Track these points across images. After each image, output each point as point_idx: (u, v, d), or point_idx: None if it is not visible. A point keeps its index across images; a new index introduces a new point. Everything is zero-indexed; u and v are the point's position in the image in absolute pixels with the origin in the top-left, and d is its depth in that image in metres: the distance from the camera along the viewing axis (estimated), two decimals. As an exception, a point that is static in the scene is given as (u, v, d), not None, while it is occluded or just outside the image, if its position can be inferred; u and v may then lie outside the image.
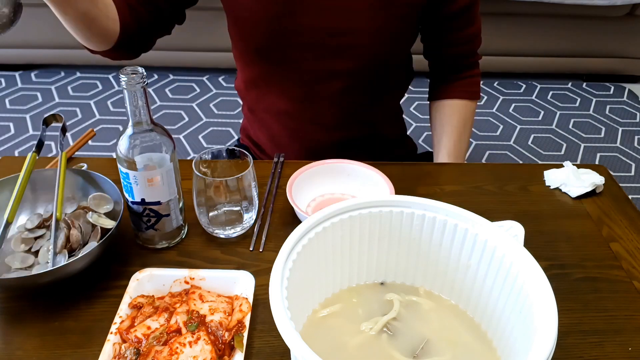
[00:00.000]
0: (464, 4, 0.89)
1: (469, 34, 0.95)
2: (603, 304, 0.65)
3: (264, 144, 1.03)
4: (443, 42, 0.96)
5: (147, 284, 0.62)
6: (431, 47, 0.98)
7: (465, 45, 0.97)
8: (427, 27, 0.94)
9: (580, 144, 2.19)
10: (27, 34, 2.35)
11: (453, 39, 0.95)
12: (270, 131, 1.01)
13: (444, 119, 1.00)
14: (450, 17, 0.91)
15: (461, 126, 0.99)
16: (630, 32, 2.44)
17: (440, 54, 0.98)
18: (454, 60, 0.99)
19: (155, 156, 0.64)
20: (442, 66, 1.01)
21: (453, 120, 0.99)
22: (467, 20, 0.93)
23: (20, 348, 0.57)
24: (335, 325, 0.54)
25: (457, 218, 0.52)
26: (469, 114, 1.01)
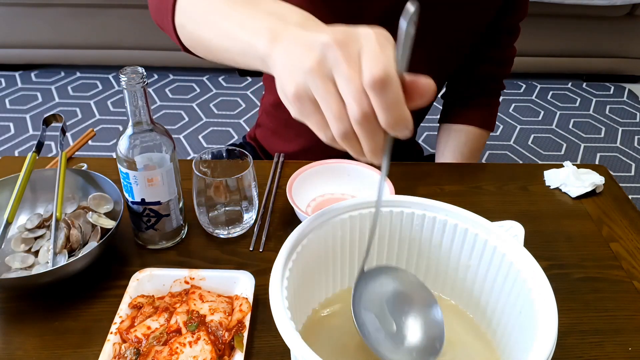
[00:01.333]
0: (517, 21, 0.89)
1: (507, 56, 0.94)
2: (603, 304, 0.65)
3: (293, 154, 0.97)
4: (482, 56, 0.92)
5: (147, 284, 0.62)
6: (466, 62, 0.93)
7: (500, 66, 0.95)
8: None
9: (580, 144, 2.19)
10: (27, 34, 2.35)
11: (493, 55, 0.92)
12: (307, 142, 0.96)
13: (456, 146, 0.96)
14: (501, 31, 0.89)
15: (472, 156, 0.96)
16: (630, 32, 2.44)
17: (471, 70, 0.94)
18: (482, 80, 0.96)
19: (155, 156, 0.64)
20: (465, 85, 0.97)
21: (465, 149, 0.96)
22: (509, 41, 0.92)
23: (20, 348, 0.57)
24: (335, 325, 0.54)
25: (457, 218, 0.52)
26: (481, 144, 0.98)
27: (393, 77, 0.35)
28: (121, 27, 2.32)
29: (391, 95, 0.35)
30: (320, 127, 0.40)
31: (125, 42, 2.37)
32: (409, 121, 0.36)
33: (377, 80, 0.34)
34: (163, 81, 2.47)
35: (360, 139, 0.38)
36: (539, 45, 2.43)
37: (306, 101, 0.40)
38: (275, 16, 0.45)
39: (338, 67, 0.37)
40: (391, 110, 0.35)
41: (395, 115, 0.35)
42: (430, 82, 0.37)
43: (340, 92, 0.38)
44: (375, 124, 0.37)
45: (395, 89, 0.35)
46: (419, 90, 0.37)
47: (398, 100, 0.35)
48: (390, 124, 0.36)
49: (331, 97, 0.38)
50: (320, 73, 0.38)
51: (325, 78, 0.38)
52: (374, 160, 0.40)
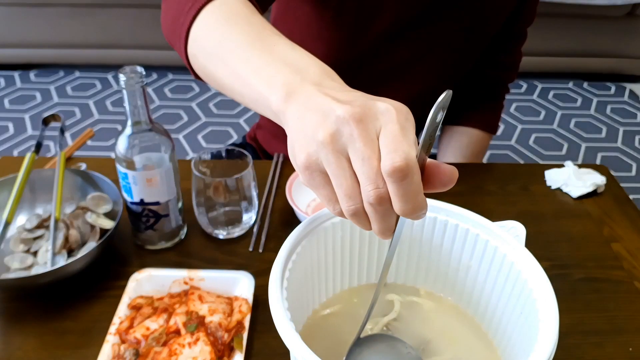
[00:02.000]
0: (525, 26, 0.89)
1: (513, 60, 0.94)
2: (604, 304, 0.65)
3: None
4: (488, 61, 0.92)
5: (146, 285, 0.61)
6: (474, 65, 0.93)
7: (505, 71, 0.95)
8: None
9: (581, 144, 2.19)
10: (26, 33, 2.35)
11: (499, 60, 0.92)
12: None
13: (459, 148, 0.95)
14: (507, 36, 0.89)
15: (474, 159, 0.96)
16: (630, 32, 2.44)
17: (476, 74, 0.94)
18: (487, 83, 0.95)
19: (154, 156, 0.63)
20: (470, 87, 0.96)
21: (468, 151, 0.95)
22: (515, 45, 0.92)
23: (20, 348, 0.57)
24: (336, 326, 0.53)
25: (458, 218, 0.52)
26: (484, 147, 0.97)
27: (414, 167, 0.33)
28: (120, 27, 2.32)
29: (411, 185, 0.33)
30: (329, 200, 0.38)
31: (125, 42, 2.36)
32: (425, 208, 0.34)
33: (398, 169, 0.33)
34: (162, 81, 2.47)
35: (371, 219, 0.37)
36: (539, 45, 2.43)
37: (316, 173, 0.38)
38: (292, 68, 0.43)
39: (354, 144, 0.35)
40: (409, 200, 0.34)
41: (413, 204, 0.34)
42: (453, 170, 0.35)
43: (354, 170, 0.36)
44: (389, 208, 0.35)
45: (415, 179, 0.34)
46: (441, 178, 0.35)
47: (417, 191, 0.34)
48: (406, 212, 0.34)
49: (344, 174, 0.36)
50: (333, 148, 0.36)
51: (339, 154, 0.36)
52: (381, 238, 0.39)
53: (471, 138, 0.96)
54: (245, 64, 0.48)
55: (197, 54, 0.57)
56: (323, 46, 0.82)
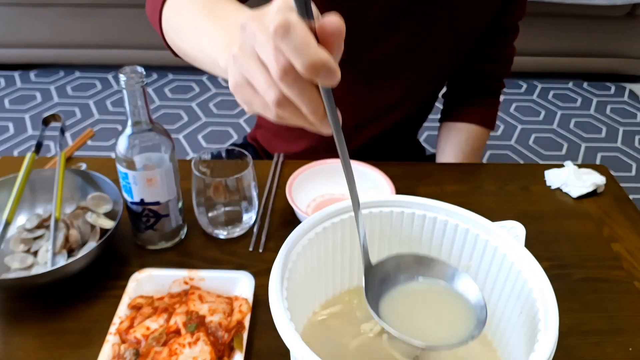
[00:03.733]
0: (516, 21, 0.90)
1: (506, 54, 0.94)
2: (604, 304, 0.65)
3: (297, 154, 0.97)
4: (481, 55, 0.93)
5: (147, 285, 0.61)
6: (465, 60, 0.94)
7: (498, 64, 0.95)
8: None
9: (581, 144, 2.19)
10: (26, 33, 2.35)
11: (492, 54, 0.93)
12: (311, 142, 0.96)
13: (457, 144, 0.96)
14: (499, 31, 0.90)
15: (472, 154, 0.96)
16: (630, 32, 2.44)
17: (471, 69, 0.95)
18: (482, 78, 0.96)
19: (154, 156, 0.63)
20: (466, 83, 0.97)
21: (467, 147, 0.95)
22: (508, 40, 0.93)
23: (20, 348, 0.57)
24: (336, 327, 0.53)
25: (458, 218, 0.52)
26: (482, 143, 0.98)
27: (293, 21, 0.35)
28: (120, 27, 2.32)
29: (296, 38, 0.34)
30: (263, 107, 0.40)
31: (125, 42, 2.36)
32: (325, 62, 0.35)
33: (278, 27, 0.34)
34: (162, 81, 2.47)
35: (294, 101, 0.38)
36: (539, 45, 2.43)
37: (244, 87, 0.40)
38: (235, 28, 0.45)
39: (255, 39, 0.37)
40: (301, 52, 0.34)
41: (308, 56, 0.34)
42: (334, 18, 0.36)
43: (263, 62, 0.38)
44: (298, 78, 0.36)
45: (299, 31, 0.34)
46: (328, 28, 0.36)
47: (306, 42, 0.34)
48: (306, 67, 0.34)
49: (256, 69, 0.38)
50: (243, 54, 0.39)
51: (249, 56, 0.38)
52: (322, 127, 0.39)
53: (469, 134, 0.97)
54: (201, 33, 0.55)
55: (169, 31, 0.66)
56: None
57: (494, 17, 0.87)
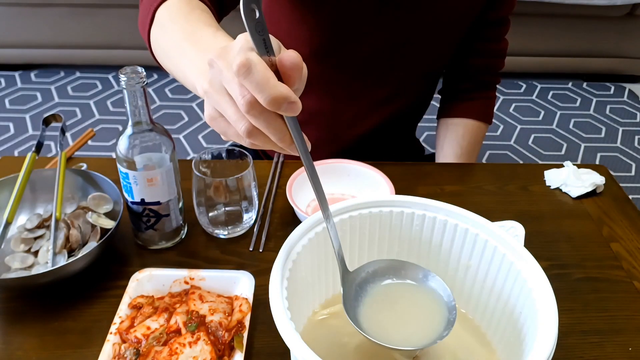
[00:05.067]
0: (505, 14, 0.90)
1: (498, 48, 0.94)
2: (603, 304, 0.65)
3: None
4: (472, 49, 0.93)
5: (147, 284, 0.61)
6: (457, 55, 0.94)
7: (491, 58, 0.95)
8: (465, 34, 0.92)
9: (581, 144, 2.19)
10: (27, 34, 2.35)
11: (482, 48, 0.93)
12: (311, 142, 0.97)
13: (454, 139, 0.96)
14: (489, 25, 0.90)
15: (471, 149, 0.97)
16: (630, 32, 2.44)
17: (463, 63, 0.95)
18: (476, 72, 0.96)
19: (154, 156, 0.63)
20: (460, 78, 0.98)
21: (464, 142, 0.96)
22: (499, 33, 0.93)
23: (20, 348, 0.57)
24: (336, 326, 0.54)
25: (457, 218, 0.52)
26: (480, 137, 0.98)
27: (254, 60, 0.37)
28: (121, 27, 2.32)
29: (257, 75, 0.37)
30: (237, 136, 0.43)
31: (125, 42, 2.36)
32: (285, 96, 0.38)
33: (240, 66, 0.37)
34: (163, 81, 2.47)
35: (262, 130, 0.41)
36: (539, 45, 2.43)
37: (217, 120, 0.44)
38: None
39: (222, 75, 0.41)
40: (262, 89, 0.37)
41: (268, 92, 0.37)
42: (292, 53, 0.39)
43: (232, 96, 0.41)
44: (263, 110, 0.39)
45: (259, 69, 0.37)
46: (286, 63, 0.39)
47: (266, 79, 0.37)
48: (268, 102, 0.37)
49: (226, 104, 0.42)
50: (213, 89, 0.42)
51: (218, 91, 0.42)
52: (291, 151, 0.42)
53: (466, 128, 0.97)
54: (182, 56, 0.58)
55: (156, 51, 0.70)
56: (308, 31, 0.83)
57: (482, 9, 0.88)
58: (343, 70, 0.88)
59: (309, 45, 0.85)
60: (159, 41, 0.68)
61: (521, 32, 2.35)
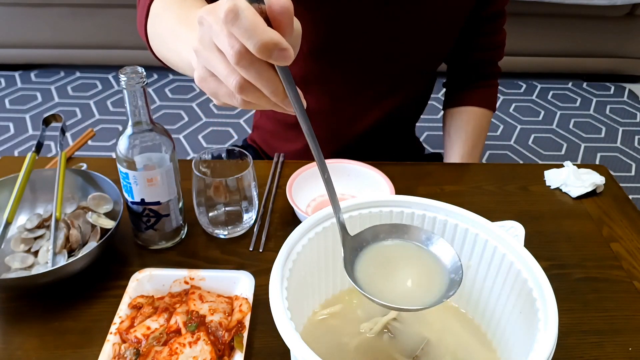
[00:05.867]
0: (501, 7, 0.91)
1: (497, 40, 0.96)
2: (603, 304, 0.65)
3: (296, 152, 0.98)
4: (471, 45, 0.95)
5: (147, 284, 0.61)
6: (457, 51, 0.96)
7: (491, 51, 0.97)
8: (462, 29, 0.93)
9: (581, 144, 2.19)
10: (27, 34, 2.35)
11: (482, 42, 0.95)
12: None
13: (460, 125, 0.99)
14: (485, 20, 0.92)
15: (476, 134, 0.99)
16: (630, 32, 2.44)
17: (464, 58, 0.98)
18: (477, 66, 0.99)
19: (154, 156, 0.63)
20: (462, 72, 1.00)
21: (469, 127, 0.99)
22: (497, 26, 0.94)
23: (20, 348, 0.57)
24: (336, 326, 0.54)
25: (457, 218, 0.52)
26: (485, 123, 1.00)
27: (241, 6, 0.36)
28: (121, 27, 2.32)
29: (245, 21, 0.36)
30: (228, 95, 0.41)
31: (125, 42, 2.36)
32: (276, 41, 0.36)
33: (228, 12, 0.36)
34: (163, 81, 2.47)
35: (254, 83, 0.39)
36: (539, 45, 2.43)
37: (208, 79, 0.42)
38: None
39: (211, 30, 0.39)
40: (251, 34, 0.36)
41: (258, 37, 0.36)
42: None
43: (221, 50, 0.39)
44: (254, 60, 0.38)
45: (247, 14, 0.36)
46: (275, 7, 0.37)
47: (255, 24, 0.36)
48: (258, 48, 0.36)
49: (215, 59, 0.40)
50: (203, 47, 0.41)
51: (208, 47, 0.40)
52: (285, 106, 0.41)
53: (470, 115, 0.99)
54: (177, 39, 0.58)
55: (152, 42, 0.70)
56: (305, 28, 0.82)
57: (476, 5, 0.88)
58: (341, 68, 0.88)
59: (306, 43, 0.84)
60: (155, 32, 0.68)
61: (521, 32, 2.35)
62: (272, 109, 0.42)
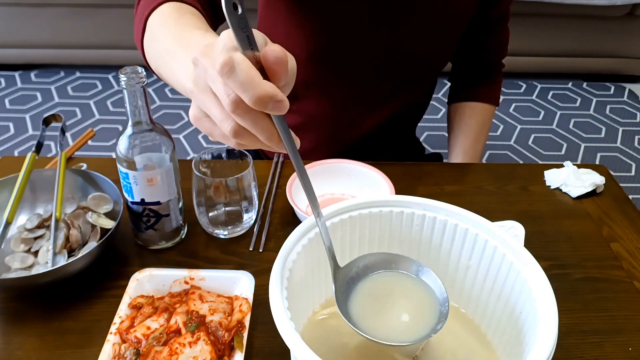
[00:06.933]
0: (505, 9, 0.92)
1: (501, 41, 0.97)
2: (603, 304, 0.65)
3: None
4: (476, 46, 0.96)
5: (147, 284, 0.61)
6: (462, 51, 0.97)
7: (495, 51, 0.99)
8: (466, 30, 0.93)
9: (581, 144, 2.19)
10: (26, 34, 2.35)
11: (487, 43, 0.96)
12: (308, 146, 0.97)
13: (463, 120, 1.01)
14: (490, 22, 0.92)
15: (478, 128, 1.01)
16: (630, 32, 2.44)
17: (469, 58, 0.99)
18: (481, 65, 1.00)
19: (154, 156, 0.63)
20: (467, 70, 1.02)
21: (471, 121, 1.01)
22: (502, 26, 0.95)
23: (20, 348, 0.57)
24: (336, 326, 0.54)
25: (457, 218, 0.52)
26: (488, 117, 1.02)
27: (237, 59, 0.36)
28: (121, 27, 2.32)
29: (241, 74, 0.36)
30: (223, 137, 0.42)
31: (125, 42, 2.36)
32: (271, 95, 0.36)
33: (223, 66, 0.36)
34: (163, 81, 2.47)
35: (249, 129, 0.39)
36: (539, 45, 2.43)
37: (203, 120, 0.42)
38: None
39: (207, 74, 0.39)
40: (247, 88, 0.36)
41: (253, 91, 0.36)
42: (275, 47, 0.37)
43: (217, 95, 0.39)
44: (249, 109, 0.38)
45: (243, 68, 0.36)
46: (270, 58, 0.37)
47: (250, 77, 0.36)
48: (253, 101, 0.36)
49: (211, 103, 0.40)
50: (198, 89, 0.41)
51: (203, 90, 0.40)
52: (279, 148, 0.41)
53: (473, 109, 1.01)
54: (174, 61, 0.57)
55: (150, 61, 0.68)
56: (305, 35, 0.83)
57: (481, 9, 0.89)
58: (341, 73, 0.88)
59: (306, 49, 0.84)
60: (151, 48, 0.67)
61: (521, 32, 2.35)
62: (265, 149, 0.42)
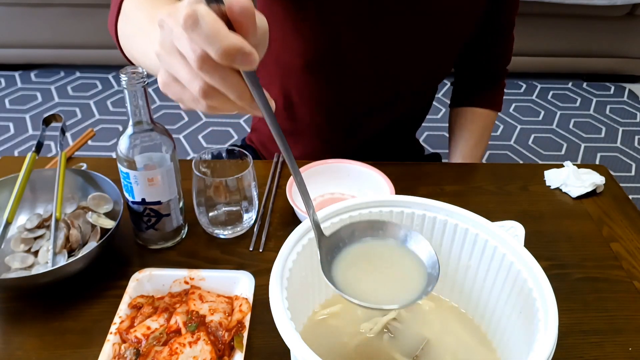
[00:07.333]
0: (512, 17, 0.92)
1: (506, 49, 0.97)
2: (603, 304, 0.65)
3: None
4: (481, 54, 0.96)
5: (147, 284, 0.61)
6: (466, 58, 0.97)
7: (500, 59, 0.99)
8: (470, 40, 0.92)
9: (581, 144, 2.19)
10: (27, 34, 2.35)
11: (492, 52, 0.96)
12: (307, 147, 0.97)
13: (464, 125, 1.01)
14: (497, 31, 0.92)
15: (479, 133, 1.00)
16: (630, 32, 2.44)
17: (473, 65, 0.99)
18: (485, 70, 1.00)
19: (155, 156, 0.63)
20: (471, 76, 1.01)
21: (472, 126, 1.00)
22: (508, 34, 0.95)
23: (20, 348, 0.57)
24: (336, 326, 0.54)
25: (457, 218, 0.52)
26: (489, 123, 1.02)
27: (201, 11, 0.35)
28: (121, 27, 2.32)
29: (205, 27, 0.34)
30: (193, 100, 0.40)
31: (125, 42, 2.36)
32: (238, 47, 0.35)
33: (187, 18, 0.34)
34: (163, 81, 2.47)
35: (218, 88, 0.37)
36: (539, 45, 2.43)
37: (171, 84, 0.40)
38: None
39: (172, 34, 0.37)
40: (212, 41, 0.34)
41: (219, 44, 0.34)
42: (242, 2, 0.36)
43: (183, 54, 0.38)
44: (217, 65, 0.36)
45: (207, 20, 0.34)
46: (235, 8, 0.35)
47: (215, 30, 0.34)
48: (219, 54, 0.34)
49: (178, 64, 0.38)
50: (165, 51, 0.39)
51: (170, 51, 0.39)
52: (253, 111, 0.39)
53: (474, 114, 1.01)
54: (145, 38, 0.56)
55: (123, 44, 0.68)
56: (302, 42, 0.83)
57: (483, 17, 0.88)
58: (337, 82, 0.87)
59: (302, 57, 0.84)
60: (125, 31, 0.65)
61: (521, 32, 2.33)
62: (239, 112, 0.41)
